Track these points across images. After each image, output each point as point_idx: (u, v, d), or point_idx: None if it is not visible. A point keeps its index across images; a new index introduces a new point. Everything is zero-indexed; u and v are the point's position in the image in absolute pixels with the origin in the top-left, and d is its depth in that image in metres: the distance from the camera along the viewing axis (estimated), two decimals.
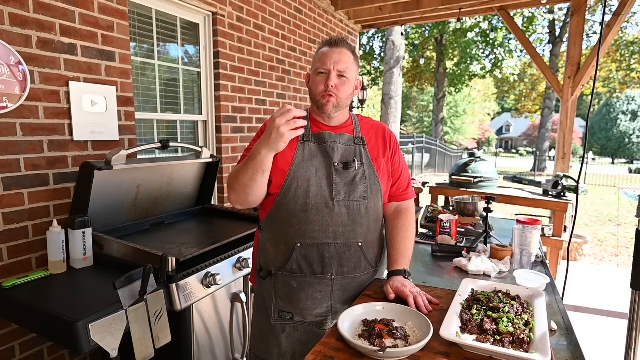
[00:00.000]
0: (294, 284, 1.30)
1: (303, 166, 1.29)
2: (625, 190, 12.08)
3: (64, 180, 1.94)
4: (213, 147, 3.02)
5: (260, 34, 3.29)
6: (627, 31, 16.87)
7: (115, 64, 2.14)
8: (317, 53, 1.32)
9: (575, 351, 1.00)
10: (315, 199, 1.26)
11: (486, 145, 38.10)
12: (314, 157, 1.31)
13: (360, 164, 1.32)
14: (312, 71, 1.33)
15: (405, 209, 1.43)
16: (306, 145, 1.32)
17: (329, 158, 1.31)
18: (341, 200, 1.27)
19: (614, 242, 6.05)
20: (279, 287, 1.33)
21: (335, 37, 1.32)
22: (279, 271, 1.32)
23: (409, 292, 1.17)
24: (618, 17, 4.18)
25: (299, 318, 1.31)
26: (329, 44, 1.30)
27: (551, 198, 3.75)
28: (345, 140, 1.35)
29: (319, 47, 1.35)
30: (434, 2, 4.39)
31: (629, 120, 29.79)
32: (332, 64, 1.26)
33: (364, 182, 1.31)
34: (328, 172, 1.29)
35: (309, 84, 1.34)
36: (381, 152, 1.39)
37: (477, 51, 14.90)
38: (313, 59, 1.34)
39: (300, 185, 1.27)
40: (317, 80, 1.29)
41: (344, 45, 1.29)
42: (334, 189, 1.28)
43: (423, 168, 13.89)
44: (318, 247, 1.27)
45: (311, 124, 1.37)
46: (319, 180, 1.28)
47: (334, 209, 1.26)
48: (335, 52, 1.27)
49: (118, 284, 1.31)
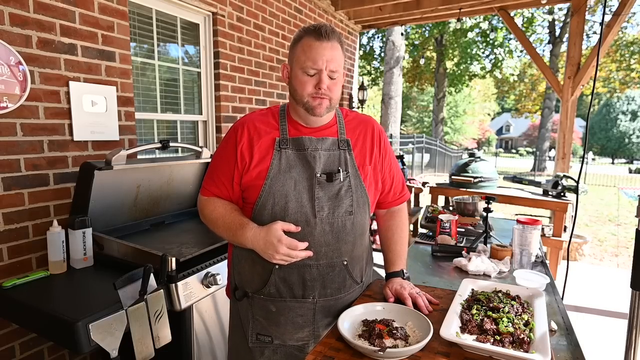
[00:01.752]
0: (272, 308, 1.18)
1: (279, 179, 1.12)
2: (625, 190, 12.08)
3: (64, 180, 1.94)
4: (213, 147, 3.02)
5: (260, 34, 3.29)
6: (627, 31, 16.88)
7: (116, 64, 2.14)
8: (301, 43, 1.10)
9: (575, 351, 1.00)
10: (295, 216, 1.11)
11: (486, 145, 38.09)
12: (292, 167, 1.13)
13: (346, 174, 1.16)
14: (296, 66, 1.11)
15: (398, 209, 1.37)
16: (283, 154, 1.14)
17: (310, 168, 1.14)
18: (324, 216, 1.13)
19: (614, 242, 6.05)
20: (256, 309, 1.20)
21: (322, 25, 1.10)
22: (256, 294, 1.19)
23: (407, 294, 1.16)
24: (618, 17, 4.18)
25: (279, 342, 1.20)
26: (318, 35, 1.08)
27: (551, 198, 3.75)
28: (328, 145, 1.17)
29: (300, 35, 1.11)
30: (434, 2, 4.39)
31: (629, 120, 29.78)
32: (324, 62, 1.07)
33: (349, 195, 1.16)
34: (309, 184, 1.13)
35: (291, 81, 1.14)
36: (368, 156, 1.23)
37: (477, 51, 14.89)
38: (293, 48, 1.12)
39: (277, 202, 1.11)
40: (305, 80, 1.10)
41: (334, 37, 1.09)
42: (316, 204, 1.12)
43: (423, 168, 13.88)
44: (298, 268, 1.14)
45: (288, 125, 1.18)
46: (298, 195, 1.12)
47: (315, 227, 1.12)
48: (327, 48, 1.08)
49: (118, 284, 1.31)
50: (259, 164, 1.13)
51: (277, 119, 1.19)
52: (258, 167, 1.14)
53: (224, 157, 1.19)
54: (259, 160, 1.14)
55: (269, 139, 1.15)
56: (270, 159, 1.13)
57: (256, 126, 1.17)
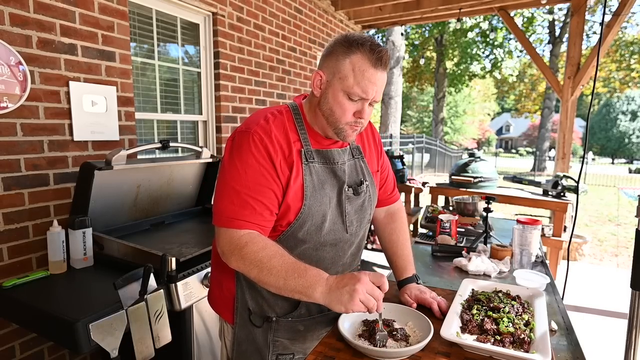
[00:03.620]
0: (300, 328, 1.13)
1: (317, 197, 1.01)
2: (625, 190, 12.09)
3: (64, 180, 1.94)
4: (213, 147, 3.02)
5: (260, 34, 3.29)
6: (627, 31, 16.90)
7: (116, 64, 2.14)
8: (352, 60, 0.95)
9: (575, 351, 1.00)
10: (330, 235, 1.06)
11: (486, 145, 38.11)
12: (323, 182, 1.04)
13: (367, 185, 1.12)
14: (338, 84, 0.96)
15: (397, 210, 1.35)
16: (312, 168, 1.02)
17: (339, 182, 1.07)
18: (354, 231, 1.11)
19: (613, 242, 6.05)
20: (280, 333, 1.11)
21: (381, 49, 0.95)
22: (283, 318, 1.10)
23: (431, 299, 1.14)
24: (618, 17, 4.18)
25: (300, 355, 1.16)
26: (377, 61, 0.94)
27: (551, 198, 3.75)
28: (347, 156, 1.11)
29: (352, 49, 0.95)
30: (434, 2, 4.39)
31: (629, 120, 29.81)
32: (374, 93, 0.96)
33: (370, 205, 1.14)
34: (339, 199, 1.07)
35: (327, 97, 0.99)
36: (375, 162, 1.21)
37: (477, 51, 14.90)
38: (340, 61, 0.96)
39: (314, 222, 1.02)
40: (346, 105, 0.97)
41: (389, 65, 0.99)
42: (346, 220, 1.08)
43: (423, 168, 13.88)
44: None
45: (309, 137, 1.05)
46: (332, 212, 1.05)
47: (347, 241, 1.10)
48: (380, 78, 0.96)
49: (118, 284, 1.31)
50: (293, 179, 0.99)
51: (293, 127, 1.04)
52: (294, 185, 1.00)
53: (261, 173, 0.97)
54: (290, 173, 0.99)
55: (294, 151, 1.01)
56: (302, 175, 1.00)
57: (278, 135, 1.00)
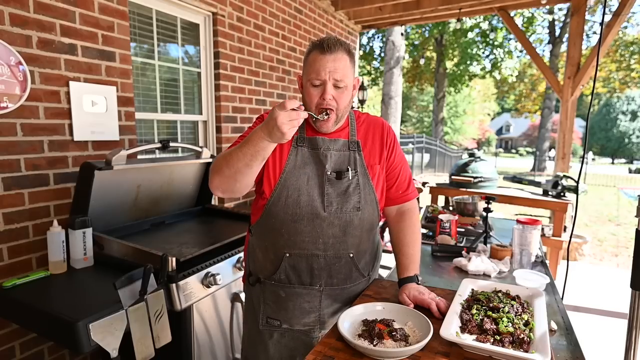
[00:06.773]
0: (282, 294, 1.27)
1: (294, 174, 1.21)
2: (625, 190, 12.10)
3: (64, 180, 1.94)
4: (213, 147, 3.02)
5: (260, 34, 3.29)
6: (627, 31, 16.86)
7: (116, 64, 2.14)
8: (308, 57, 1.18)
9: (575, 351, 1.00)
10: (306, 209, 1.19)
11: (486, 145, 38.08)
12: (306, 164, 1.23)
13: (355, 173, 1.25)
14: (305, 78, 1.20)
15: (408, 210, 1.36)
16: (299, 151, 1.24)
17: (322, 166, 1.23)
18: (333, 211, 1.21)
19: (613, 242, 6.06)
20: (267, 294, 1.30)
21: (327, 38, 1.15)
22: (267, 280, 1.28)
23: (429, 300, 1.14)
24: (618, 17, 4.18)
25: (287, 325, 1.29)
26: (321, 49, 1.14)
27: (551, 198, 3.76)
28: (339, 146, 1.26)
29: (309, 49, 1.19)
30: (434, 2, 4.39)
31: (629, 120, 29.81)
32: (327, 74, 1.13)
33: (357, 192, 1.24)
34: (320, 180, 1.22)
35: (302, 93, 1.22)
36: (377, 156, 1.30)
37: (477, 51, 14.90)
38: (304, 62, 1.21)
39: (290, 195, 1.20)
40: (312, 92, 1.17)
41: (338, 48, 1.14)
42: (325, 200, 1.21)
43: (423, 168, 13.89)
44: (307, 257, 1.23)
45: (306, 126, 1.26)
46: (309, 190, 1.21)
47: (324, 220, 1.20)
48: (330, 60, 1.13)
49: (118, 284, 1.31)
50: (280, 157, 1.23)
51: None
52: (278, 159, 1.22)
53: None
54: (280, 153, 1.22)
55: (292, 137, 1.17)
56: (287, 154, 1.23)
57: None
